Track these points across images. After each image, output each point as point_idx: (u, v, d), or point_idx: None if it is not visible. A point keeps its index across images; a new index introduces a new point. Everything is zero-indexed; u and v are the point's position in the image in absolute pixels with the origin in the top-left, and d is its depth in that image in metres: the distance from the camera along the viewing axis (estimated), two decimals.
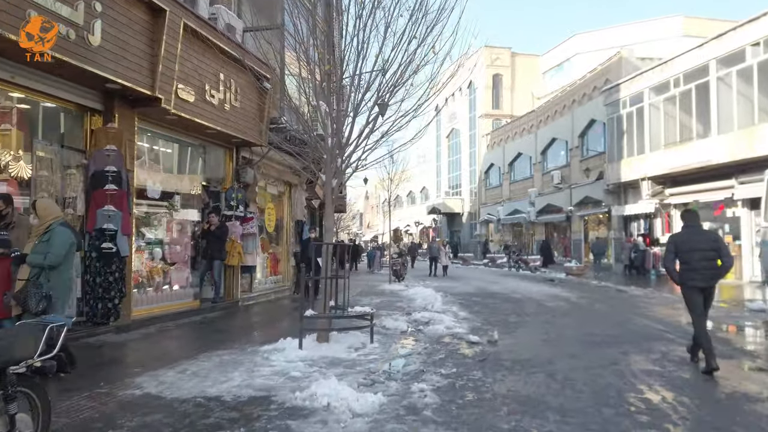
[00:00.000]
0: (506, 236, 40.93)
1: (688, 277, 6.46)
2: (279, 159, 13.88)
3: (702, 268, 6.36)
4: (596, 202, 28.50)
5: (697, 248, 6.42)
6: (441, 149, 55.78)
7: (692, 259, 6.40)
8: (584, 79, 30.61)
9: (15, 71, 6.91)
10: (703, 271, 6.36)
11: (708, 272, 6.39)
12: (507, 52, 47.33)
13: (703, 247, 6.44)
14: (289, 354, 6.89)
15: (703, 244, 6.47)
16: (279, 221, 15.35)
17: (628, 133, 24.62)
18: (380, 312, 11.55)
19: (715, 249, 6.45)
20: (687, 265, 6.45)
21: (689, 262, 6.43)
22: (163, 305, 9.90)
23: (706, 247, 6.45)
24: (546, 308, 12.57)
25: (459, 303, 13.59)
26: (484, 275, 26.29)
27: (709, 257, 6.40)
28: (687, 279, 6.48)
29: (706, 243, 6.50)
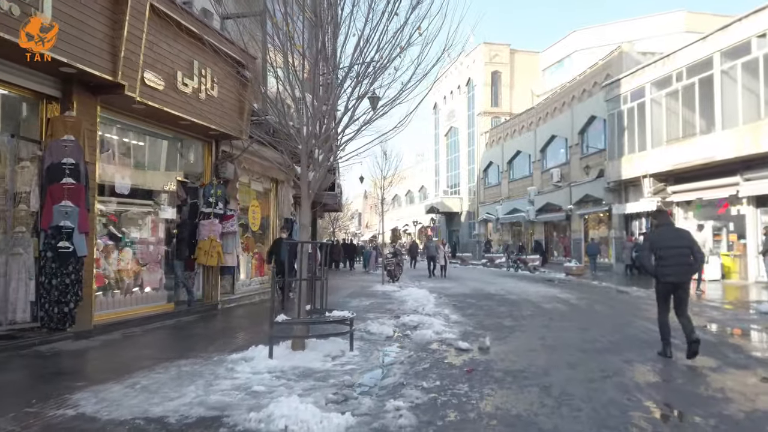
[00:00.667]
0: (505, 236, 40.26)
1: (663, 273, 6.86)
2: (263, 154, 13.21)
3: (675, 264, 6.78)
4: (596, 201, 27.83)
5: (671, 245, 6.86)
6: (439, 147, 55.11)
7: (666, 255, 6.82)
8: (584, 74, 29.95)
9: None
10: (676, 266, 6.79)
11: (681, 268, 6.82)
12: (506, 49, 46.66)
13: (677, 244, 6.86)
14: (258, 364, 6.24)
15: (676, 242, 6.90)
16: (265, 220, 14.69)
17: (629, 129, 23.96)
18: (367, 315, 10.92)
19: (687, 246, 6.87)
20: (662, 261, 6.85)
21: (664, 258, 6.83)
22: (132, 309, 9.24)
23: (680, 244, 6.87)
24: (543, 311, 11.91)
25: (452, 305, 12.94)
26: (482, 276, 25.63)
27: (682, 254, 6.82)
28: (661, 275, 6.89)
29: (679, 240, 6.93)
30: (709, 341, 8.10)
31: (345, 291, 16.74)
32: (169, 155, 10.94)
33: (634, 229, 24.83)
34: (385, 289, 17.22)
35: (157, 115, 9.27)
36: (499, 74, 46.62)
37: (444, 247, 25.97)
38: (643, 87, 23.00)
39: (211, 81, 10.00)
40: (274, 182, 14.69)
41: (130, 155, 9.95)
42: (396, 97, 7.58)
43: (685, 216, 22.11)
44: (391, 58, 7.26)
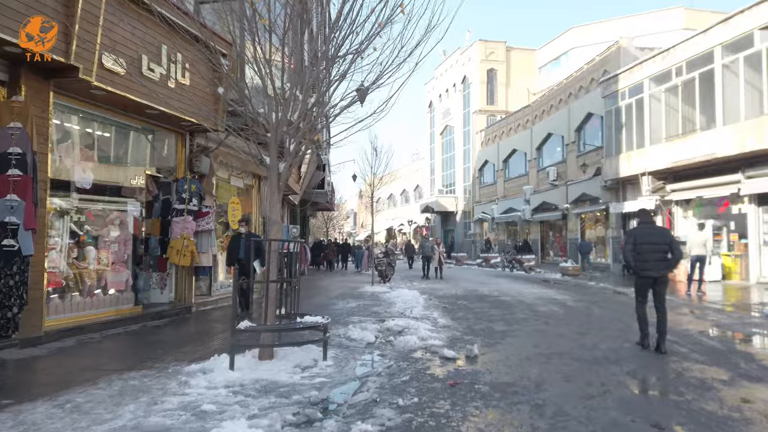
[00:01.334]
0: (501, 235, 39.63)
1: (642, 267, 7.33)
2: (243, 148, 12.53)
3: (654, 259, 7.23)
4: (593, 200, 27.21)
5: (651, 242, 7.29)
6: (435, 146, 54.45)
7: (646, 251, 7.25)
8: (581, 71, 29.34)
9: None
10: (655, 262, 7.23)
11: (659, 263, 7.26)
12: (502, 46, 46.06)
13: (656, 241, 7.31)
14: (216, 377, 5.56)
15: (656, 239, 7.35)
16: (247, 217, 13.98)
17: (627, 126, 23.33)
18: (351, 318, 10.26)
19: (666, 243, 7.30)
20: (641, 257, 7.29)
21: (644, 253, 7.27)
22: (92, 313, 8.53)
23: (659, 241, 7.32)
24: (538, 314, 11.25)
25: (443, 307, 12.28)
26: (477, 276, 24.97)
27: (660, 250, 7.26)
28: (641, 269, 7.36)
29: (658, 238, 7.39)
30: (717, 349, 7.45)
31: (333, 292, 16.07)
32: (139, 148, 10.25)
33: None
34: (375, 291, 16.56)
35: (122, 103, 8.58)
36: (495, 72, 46.02)
37: (439, 247, 24.46)
38: (641, 82, 22.38)
39: (182, 68, 9.30)
40: (257, 178, 14.01)
41: (94, 147, 9.25)
42: (376, 80, 6.89)
43: (684, 215, 21.52)
44: (370, 37, 6.59)
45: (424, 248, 24.08)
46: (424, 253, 23.73)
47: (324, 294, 15.50)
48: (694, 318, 10.56)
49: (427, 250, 23.71)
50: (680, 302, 13.27)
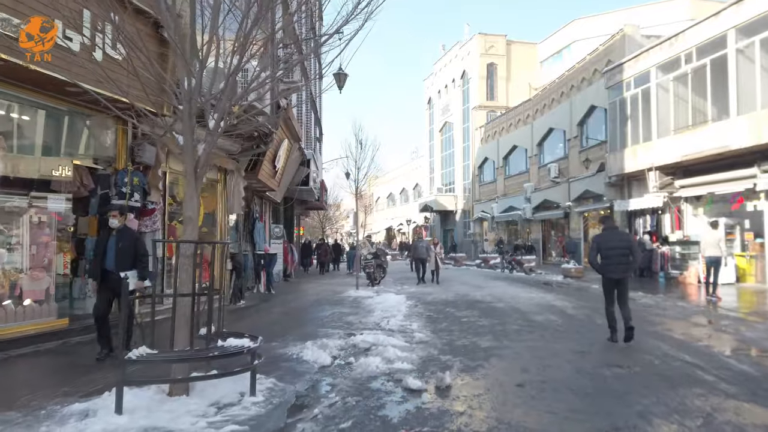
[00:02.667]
0: (501, 235, 38.20)
1: (607, 270, 7.99)
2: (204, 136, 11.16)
3: (617, 262, 7.87)
4: (597, 197, 25.77)
5: (614, 246, 7.91)
6: (434, 144, 53.01)
7: (609, 255, 7.89)
8: (584, 61, 27.89)
9: None
10: (618, 265, 7.89)
11: (622, 266, 7.92)
12: (502, 40, 44.61)
13: (619, 245, 7.94)
14: (93, 425, 4.19)
15: (618, 243, 7.97)
16: (210, 216, 12.64)
17: (633, 118, 21.88)
18: (317, 331, 8.89)
19: (627, 247, 7.98)
20: (606, 260, 7.93)
21: (608, 257, 7.90)
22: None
23: (621, 245, 7.95)
24: (533, 325, 9.85)
25: (426, 316, 10.88)
26: (473, 278, 23.55)
27: (623, 254, 7.88)
28: (606, 271, 8.02)
29: (621, 242, 8.02)
30: (750, 375, 6.01)
31: (310, 297, 14.70)
32: (68, 134, 8.86)
33: (638, 228, 22.76)
34: (358, 295, 15.18)
35: (30, 79, 7.21)
36: (495, 66, 44.58)
37: (436, 247, 21.31)
38: (647, 71, 20.92)
39: (113, 38, 7.92)
40: (222, 172, 12.63)
41: (13, 133, 7.88)
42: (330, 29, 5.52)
43: (694, 212, 20.07)
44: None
45: (417, 249, 20.91)
46: (417, 254, 20.66)
47: (299, 300, 14.13)
48: (713, 331, 9.13)
49: (421, 251, 20.64)
50: (695, 309, 11.84)
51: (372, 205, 76.52)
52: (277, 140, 14.04)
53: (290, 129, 14.63)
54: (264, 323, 10.13)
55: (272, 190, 16.17)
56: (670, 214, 20.77)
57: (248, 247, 15.96)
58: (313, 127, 25.19)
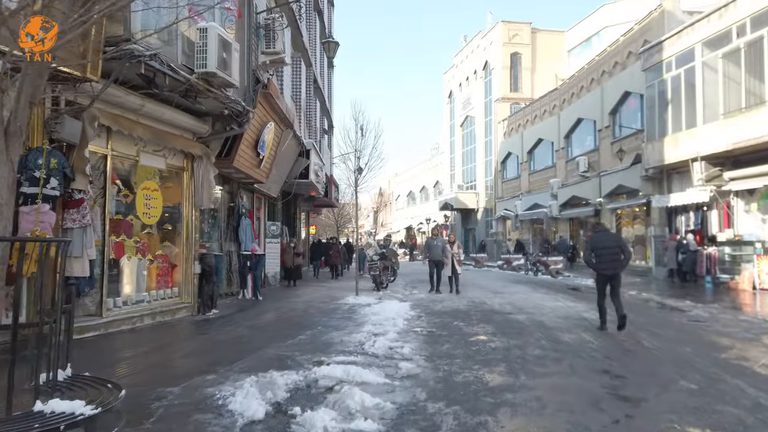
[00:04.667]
0: (525, 234, 35.78)
1: (601, 267, 9.08)
2: (156, 113, 9.23)
3: (609, 260, 8.96)
4: (631, 192, 23.30)
5: (606, 246, 9.10)
6: (455, 139, 50.66)
7: (603, 254, 9.03)
8: (616, 44, 25.41)
9: None
10: (610, 262, 8.96)
11: (613, 263, 8.96)
12: (527, 28, 42.10)
13: (610, 245, 9.11)
14: None
15: (610, 243, 9.18)
16: (172, 210, 10.71)
17: (674, 102, 19.41)
18: (281, 355, 6.91)
19: (618, 246, 9.13)
20: (599, 258, 9.06)
21: (601, 256, 9.05)
22: None
23: (612, 245, 9.13)
24: (561, 347, 7.67)
25: (426, 334, 8.78)
26: (493, 281, 21.35)
27: (614, 252, 8.99)
28: (600, 269, 9.11)
29: (612, 242, 9.25)
30: None
31: (299, 306, 12.69)
32: None
33: (680, 226, 20.26)
34: (356, 303, 13.15)
35: None
36: (519, 56, 42.10)
37: (453, 246, 16.51)
38: (691, 49, 18.45)
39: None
40: (189, 159, 10.68)
41: None
42: None
43: (746, 208, 17.52)
44: None
45: (431, 249, 16.52)
46: (432, 256, 16.35)
47: (283, 309, 12.14)
48: None
49: (436, 251, 16.26)
50: (758, 321, 9.49)
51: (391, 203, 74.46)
52: (259, 122, 12.06)
53: (275, 110, 12.63)
54: (220, 342, 8.14)
55: (260, 182, 14.19)
56: (717, 211, 18.25)
57: (233, 246, 14.03)
58: (317, 116, 23.22)
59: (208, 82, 9.22)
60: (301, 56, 18.60)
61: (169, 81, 8.38)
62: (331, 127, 28.24)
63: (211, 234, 13.07)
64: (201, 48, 8.67)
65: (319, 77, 24.77)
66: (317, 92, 23.38)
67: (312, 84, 21.48)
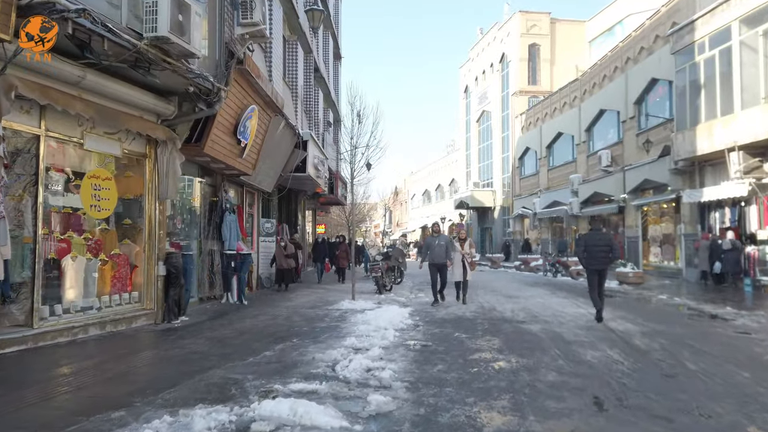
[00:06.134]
0: (543, 233, 34.03)
1: (591, 263, 9.95)
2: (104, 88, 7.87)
3: (600, 257, 9.84)
4: (659, 187, 21.52)
5: (597, 244, 9.96)
6: (470, 136, 48.95)
7: (594, 251, 9.90)
8: (642, 28, 23.61)
9: None
10: (600, 259, 9.85)
11: (602, 260, 9.86)
12: (546, 18, 40.26)
13: (600, 243, 9.99)
14: None
15: (600, 241, 10.05)
16: (129, 203, 9.36)
17: (708, 87, 17.64)
18: (228, 380, 5.52)
19: (608, 244, 10.01)
20: (590, 254, 9.94)
21: (592, 253, 9.92)
22: None
23: (602, 243, 10.00)
24: (582, 370, 6.14)
25: (418, 350, 7.29)
26: (508, 283, 19.76)
27: (603, 250, 9.88)
28: (590, 264, 9.99)
29: (602, 241, 10.09)
30: None
31: (283, 312, 11.26)
32: None
33: (713, 223, 18.47)
34: (350, 308, 11.70)
35: None
36: (537, 48, 40.28)
37: (464, 244, 13.21)
38: (727, 27, 16.66)
39: None
40: (152, 144, 9.32)
41: None
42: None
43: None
44: None
45: (432, 249, 12.87)
46: (433, 258, 12.78)
47: (264, 316, 10.71)
48: None
49: (438, 252, 12.68)
50: None
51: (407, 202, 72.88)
52: (237, 105, 10.67)
53: (258, 92, 11.22)
54: (165, 360, 6.74)
55: (245, 174, 12.81)
56: (757, 206, 16.45)
57: (215, 245, 12.67)
58: (319, 107, 21.80)
59: (164, 51, 7.83)
60: (298, 40, 17.20)
61: (110, 47, 7.00)
62: (338, 121, 26.83)
63: (188, 231, 11.73)
64: (149, 7, 7.28)
65: (323, 67, 23.38)
66: (320, 82, 21.97)
67: (312, 72, 20.07)
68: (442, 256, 12.70)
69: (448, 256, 12.70)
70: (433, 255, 12.92)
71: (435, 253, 12.85)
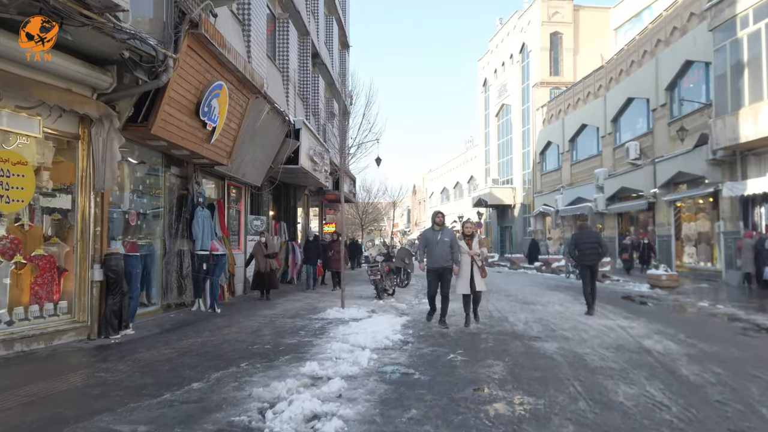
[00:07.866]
0: (566, 232, 31.98)
1: (582, 260, 10.75)
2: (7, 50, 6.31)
3: (590, 254, 10.62)
4: (694, 180, 19.49)
5: (587, 241, 10.73)
6: (489, 131, 46.96)
7: (584, 248, 10.68)
8: (675, 6, 21.52)
9: None
10: (590, 255, 10.62)
11: (592, 256, 10.63)
12: (569, 5, 38.13)
13: (590, 241, 10.74)
14: None
15: (590, 239, 10.82)
16: (66, 193, 7.80)
17: (752, 65, 15.61)
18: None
19: (596, 241, 10.80)
20: (581, 252, 10.71)
21: (582, 250, 10.69)
22: None
23: (591, 240, 10.77)
24: (611, 421, 4.38)
25: (394, 381, 5.57)
26: (526, 286, 17.90)
27: (593, 247, 10.66)
28: (581, 261, 10.81)
29: (592, 239, 10.85)
30: None
31: (256, 323, 9.60)
32: None
33: (758, 219, 16.40)
34: (337, 317, 10.09)
35: None
36: (559, 36, 38.20)
37: (474, 242, 9.43)
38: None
39: None
40: (86, 123, 7.74)
41: None
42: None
43: None
44: None
45: (431, 248, 9.31)
46: (431, 261, 9.38)
47: (231, 329, 9.06)
48: None
49: (437, 252, 9.20)
50: None
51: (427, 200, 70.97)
52: (197, 80, 9.04)
53: (225, 66, 9.58)
54: (48, 398, 5.08)
55: (219, 164, 11.22)
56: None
57: (185, 244, 11.09)
58: (319, 95, 20.14)
59: (83, 2, 6.22)
60: (290, 18, 15.60)
61: None
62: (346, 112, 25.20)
63: (149, 228, 10.18)
64: None
65: (326, 54, 21.76)
66: (320, 68, 20.34)
67: (310, 57, 18.45)
68: (443, 258, 9.14)
69: (453, 258, 9.13)
70: (431, 255, 9.30)
71: (434, 252, 9.21)
